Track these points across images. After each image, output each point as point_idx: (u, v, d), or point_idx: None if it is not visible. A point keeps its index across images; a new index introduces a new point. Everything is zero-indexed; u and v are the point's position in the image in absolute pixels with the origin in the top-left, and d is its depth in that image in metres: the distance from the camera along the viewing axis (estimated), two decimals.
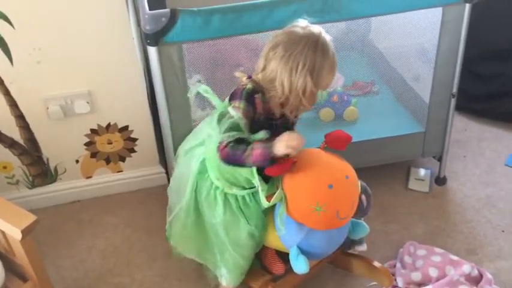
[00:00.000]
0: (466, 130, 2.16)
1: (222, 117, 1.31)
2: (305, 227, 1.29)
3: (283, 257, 1.42)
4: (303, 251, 1.31)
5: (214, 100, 1.39)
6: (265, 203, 1.29)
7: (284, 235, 1.32)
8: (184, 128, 1.61)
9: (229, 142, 1.24)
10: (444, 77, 1.73)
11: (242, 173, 1.32)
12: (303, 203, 1.25)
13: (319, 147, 1.35)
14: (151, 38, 1.46)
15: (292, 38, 1.26)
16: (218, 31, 1.49)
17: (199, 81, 2.04)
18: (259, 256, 1.48)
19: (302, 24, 1.30)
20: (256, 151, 1.22)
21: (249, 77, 1.32)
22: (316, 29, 1.29)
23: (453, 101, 1.77)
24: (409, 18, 1.71)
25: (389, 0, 1.55)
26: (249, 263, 1.44)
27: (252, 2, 1.49)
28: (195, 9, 1.46)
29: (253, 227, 1.38)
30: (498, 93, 2.16)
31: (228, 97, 1.34)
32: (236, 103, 1.28)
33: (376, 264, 1.51)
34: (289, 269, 1.40)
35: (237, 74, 1.35)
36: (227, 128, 1.28)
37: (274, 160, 1.23)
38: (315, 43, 1.24)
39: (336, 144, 1.34)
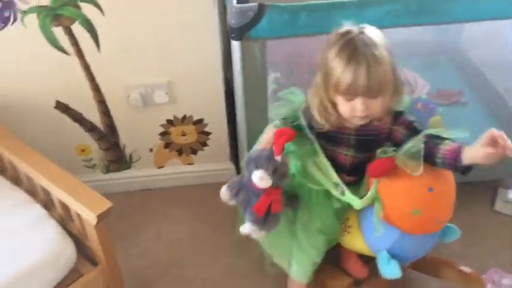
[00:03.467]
0: None
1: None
2: (398, 231, 1.22)
3: (365, 260, 1.38)
4: (392, 255, 1.26)
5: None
6: (357, 203, 1.22)
7: (375, 238, 1.26)
8: (260, 125, 1.57)
9: None
10: None
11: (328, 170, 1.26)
12: (401, 205, 1.19)
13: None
14: (237, 32, 1.43)
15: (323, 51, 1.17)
16: (304, 29, 1.43)
17: (276, 79, 2.01)
18: (340, 259, 1.45)
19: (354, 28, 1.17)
20: None
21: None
22: (347, 29, 1.15)
23: None
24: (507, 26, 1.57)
25: (494, 6, 1.43)
26: (320, 258, 1.38)
27: (341, 0, 1.42)
28: (283, 4, 1.41)
29: (323, 224, 1.33)
30: None
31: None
32: (307, 102, 1.25)
33: (466, 269, 1.42)
34: (371, 274, 1.36)
35: None
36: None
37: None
38: (332, 44, 1.14)
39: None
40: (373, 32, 1.15)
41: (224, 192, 1.29)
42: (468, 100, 1.98)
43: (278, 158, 1.19)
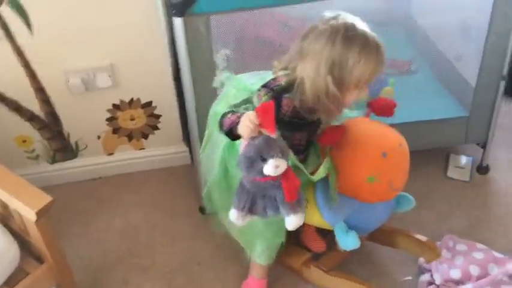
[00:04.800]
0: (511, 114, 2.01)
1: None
2: (354, 201, 1.21)
3: (323, 234, 1.36)
4: (349, 227, 1.25)
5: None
6: (310, 177, 1.19)
7: (331, 210, 1.23)
8: (209, 104, 1.51)
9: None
10: (494, 57, 1.58)
11: None
12: (355, 173, 1.17)
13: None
14: (178, 7, 1.36)
15: (315, 34, 1.11)
16: (249, 1, 1.38)
17: (226, 56, 1.95)
18: (298, 235, 1.43)
19: (331, 14, 1.13)
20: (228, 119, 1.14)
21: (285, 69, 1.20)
22: (342, 19, 1.10)
23: (502, 84, 1.62)
24: None
25: None
26: (281, 239, 1.35)
27: None
28: None
29: None
30: None
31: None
32: (262, 92, 1.17)
33: (421, 237, 1.42)
34: (329, 247, 1.35)
35: (275, 63, 1.22)
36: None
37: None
38: (334, 36, 1.07)
39: (384, 111, 1.28)
40: (354, 17, 1.14)
41: (237, 216, 1.12)
42: (418, 68, 1.99)
43: (275, 135, 1.07)
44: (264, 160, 1.04)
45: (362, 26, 1.11)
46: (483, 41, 1.56)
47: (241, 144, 1.12)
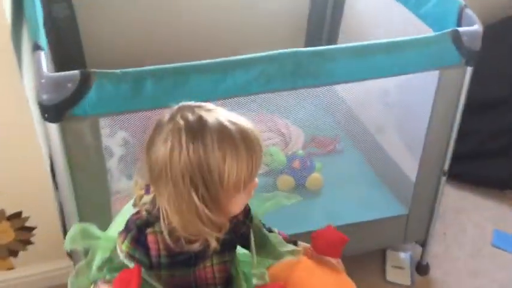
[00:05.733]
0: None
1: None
2: None
3: None
4: None
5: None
6: None
7: None
8: (97, 219, 1.14)
9: None
10: (435, 150, 1.39)
11: None
12: None
13: (304, 254, 1.02)
14: (52, 111, 0.99)
15: (161, 138, 0.78)
16: (152, 100, 1.04)
17: (124, 140, 1.60)
18: None
19: (171, 112, 0.80)
20: None
21: (147, 191, 0.87)
22: (188, 113, 0.78)
23: (443, 179, 1.45)
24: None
25: (382, 64, 1.19)
26: None
27: (198, 62, 1.06)
28: (119, 71, 1.01)
29: None
30: (475, 153, 1.89)
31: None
32: (121, 239, 0.84)
33: None
34: None
35: (136, 183, 0.90)
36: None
37: None
38: (179, 137, 0.76)
39: (331, 250, 1.02)
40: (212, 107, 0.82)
41: None
42: (343, 147, 1.78)
43: None
44: None
45: (216, 114, 0.79)
46: (424, 132, 1.37)
47: None
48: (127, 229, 0.85)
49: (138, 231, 0.84)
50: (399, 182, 1.53)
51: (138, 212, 0.87)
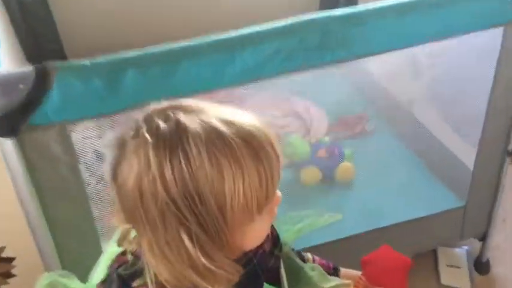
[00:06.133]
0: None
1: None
2: None
3: None
4: None
5: None
6: None
7: None
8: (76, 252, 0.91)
9: None
10: (499, 127, 1.12)
11: None
12: None
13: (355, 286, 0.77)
14: (2, 123, 0.74)
15: (127, 163, 0.53)
16: (132, 97, 0.79)
17: (97, 153, 1.34)
18: None
19: (135, 123, 0.54)
20: None
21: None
22: (150, 125, 0.52)
23: (507, 161, 1.18)
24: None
25: (430, 24, 0.91)
26: None
27: (197, 41, 0.80)
28: (88, 62, 0.75)
29: None
30: None
31: None
32: None
33: None
34: None
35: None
36: None
37: None
38: (163, 157, 0.51)
39: (387, 279, 0.77)
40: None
41: None
42: (374, 127, 1.52)
43: None
44: None
45: (202, 114, 0.53)
46: (484, 106, 1.10)
47: None
48: (109, 281, 0.61)
49: (122, 284, 0.60)
50: (450, 167, 1.27)
51: (123, 254, 0.63)
